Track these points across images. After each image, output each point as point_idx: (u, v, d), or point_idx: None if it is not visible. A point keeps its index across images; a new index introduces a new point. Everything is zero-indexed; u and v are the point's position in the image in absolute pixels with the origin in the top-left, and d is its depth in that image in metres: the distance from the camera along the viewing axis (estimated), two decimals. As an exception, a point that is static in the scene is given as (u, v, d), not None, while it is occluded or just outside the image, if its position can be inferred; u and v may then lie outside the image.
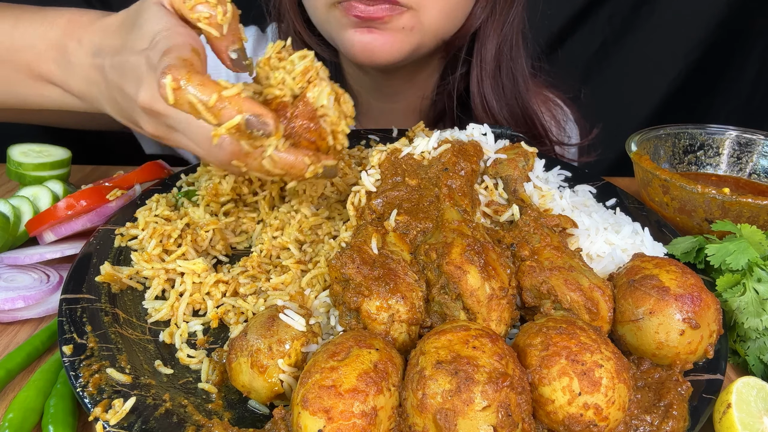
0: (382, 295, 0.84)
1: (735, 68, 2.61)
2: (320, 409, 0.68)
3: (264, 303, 0.99)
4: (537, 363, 0.75)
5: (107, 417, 0.77)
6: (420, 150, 1.15)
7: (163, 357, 0.92)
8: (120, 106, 1.04)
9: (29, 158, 1.40)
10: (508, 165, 1.15)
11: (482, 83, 1.57)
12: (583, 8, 2.58)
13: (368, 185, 1.08)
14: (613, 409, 0.73)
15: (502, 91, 1.60)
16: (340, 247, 1.04)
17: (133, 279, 1.05)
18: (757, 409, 0.81)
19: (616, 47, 2.63)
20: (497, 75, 1.58)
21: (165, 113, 0.94)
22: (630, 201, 1.31)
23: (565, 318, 0.81)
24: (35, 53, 1.16)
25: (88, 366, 0.85)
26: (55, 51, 1.13)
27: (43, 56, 1.15)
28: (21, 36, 1.17)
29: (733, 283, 1.02)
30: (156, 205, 1.19)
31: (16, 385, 0.93)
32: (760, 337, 0.98)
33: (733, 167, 1.49)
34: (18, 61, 1.18)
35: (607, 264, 1.02)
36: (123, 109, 1.04)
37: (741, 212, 1.19)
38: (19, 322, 1.06)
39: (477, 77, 1.57)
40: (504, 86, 1.60)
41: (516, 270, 0.94)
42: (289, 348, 0.81)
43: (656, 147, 1.49)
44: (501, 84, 1.59)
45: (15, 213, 1.20)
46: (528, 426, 0.71)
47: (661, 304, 0.85)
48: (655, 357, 0.87)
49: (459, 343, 0.73)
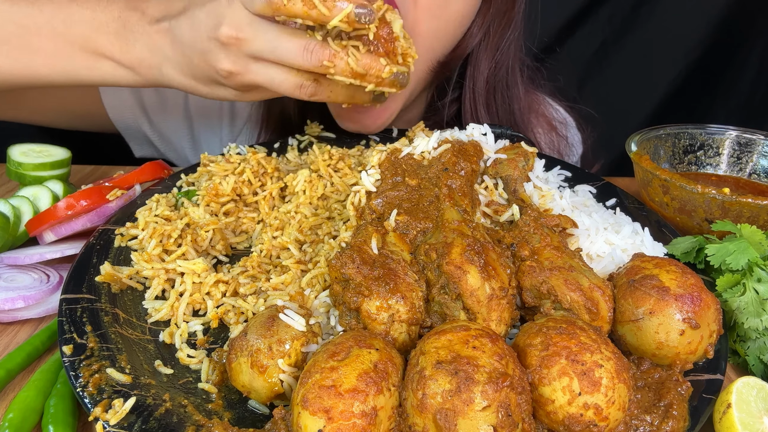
0: (382, 295, 0.84)
1: (735, 68, 2.62)
2: (320, 409, 0.68)
3: (264, 303, 0.99)
4: (537, 363, 0.75)
5: (107, 417, 0.77)
6: (420, 150, 1.15)
7: (163, 357, 0.92)
8: (189, 60, 1.11)
9: (29, 158, 1.40)
10: (508, 165, 1.15)
11: (475, 109, 1.57)
12: (583, 8, 2.59)
13: (368, 185, 1.08)
14: (613, 409, 0.73)
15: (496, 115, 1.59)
16: (340, 247, 1.04)
17: (133, 279, 1.05)
18: (757, 409, 0.81)
19: (616, 47, 2.63)
20: (491, 100, 1.57)
21: (252, 37, 1.04)
22: (630, 201, 1.31)
23: (565, 318, 0.81)
24: (94, 26, 1.18)
25: (88, 366, 0.85)
26: (116, 23, 1.17)
27: (102, 29, 1.18)
28: (79, 8, 1.20)
29: (733, 283, 1.02)
30: (156, 205, 1.19)
31: (16, 385, 0.93)
32: (760, 337, 0.98)
33: (733, 167, 1.49)
34: (74, 34, 1.19)
35: (607, 264, 1.02)
36: (192, 61, 1.10)
37: (741, 212, 1.19)
38: (19, 322, 1.06)
39: (469, 101, 1.57)
40: (498, 112, 1.59)
41: (516, 270, 0.94)
42: (289, 348, 0.81)
43: (656, 147, 1.49)
44: (495, 109, 1.58)
45: (15, 213, 1.20)
46: (528, 426, 0.71)
47: (661, 304, 0.85)
48: (655, 357, 0.87)
49: (459, 343, 0.73)
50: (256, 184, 1.23)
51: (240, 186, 1.21)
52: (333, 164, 1.27)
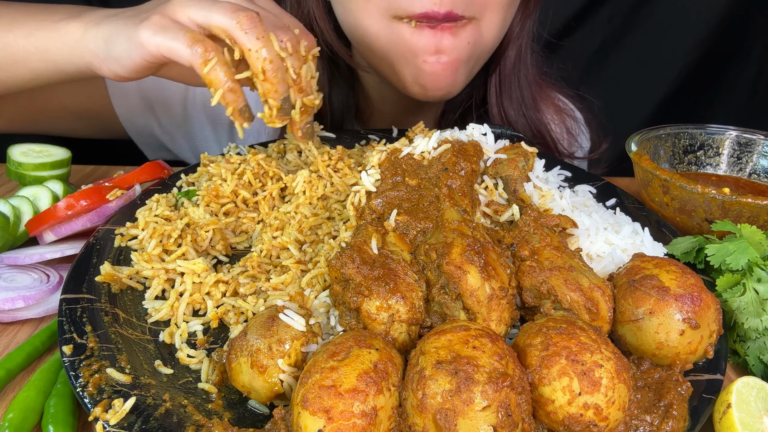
0: (382, 295, 0.84)
1: (735, 68, 2.62)
2: (320, 409, 0.68)
3: (264, 303, 0.99)
4: (537, 363, 0.75)
5: (107, 417, 0.77)
6: (420, 150, 1.15)
7: (163, 357, 0.92)
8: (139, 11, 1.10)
9: (29, 158, 1.40)
10: (508, 165, 1.15)
11: (500, 95, 1.58)
12: (583, 8, 2.59)
13: (368, 185, 1.08)
14: (613, 409, 0.73)
15: (520, 100, 1.61)
16: (340, 247, 1.04)
17: (133, 279, 1.05)
18: (757, 409, 0.81)
19: (616, 47, 2.63)
20: (514, 85, 1.59)
21: None
22: (630, 201, 1.31)
23: (565, 318, 0.81)
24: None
25: (88, 366, 0.85)
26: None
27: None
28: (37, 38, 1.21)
29: (733, 283, 1.02)
30: (156, 205, 1.19)
31: (16, 385, 0.93)
32: (760, 337, 0.98)
33: (733, 167, 1.49)
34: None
35: (607, 264, 1.02)
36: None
37: (741, 212, 1.19)
38: (19, 322, 1.06)
39: (495, 87, 1.58)
40: (521, 96, 1.61)
41: (516, 270, 0.94)
42: (289, 348, 0.81)
43: (656, 147, 1.49)
44: (518, 94, 1.60)
45: (15, 213, 1.20)
46: (528, 426, 0.71)
47: (661, 304, 0.85)
48: (655, 357, 0.87)
49: (459, 343, 0.73)
50: (256, 185, 1.23)
51: (239, 189, 1.21)
52: (333, 164, 1.27)
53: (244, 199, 1.21)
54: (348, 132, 1.61)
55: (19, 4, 1.30)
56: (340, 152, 1.30)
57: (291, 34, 1.03)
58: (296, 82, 1.05)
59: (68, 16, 1.19)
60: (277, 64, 1.00)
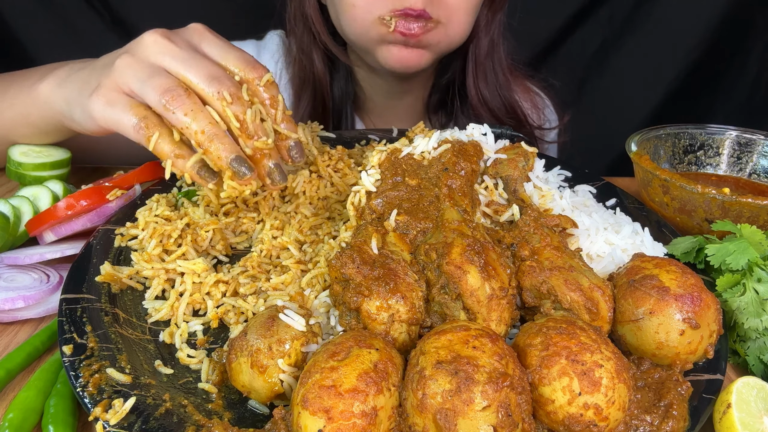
0: (382, 295, 0.84)
1: (735, 68, 2.61)
2: (320, 409, 0.68)
3: (264, 303, 0.99)
4: (537, 363, 0.75)
5: (107, 417, 0.77)
6: (420, 150, 1.15)
7: (163, 357, 0.92)
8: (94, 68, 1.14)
9: (29, 158, 1.40)
10: (508, 165, 1.15)
11: (477, 78, 1.78)
12: (583, 8, 2.59)
13: (368, 185, 1.08)
14: (613, 409, 0.73)
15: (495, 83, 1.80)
16: (340, 247, 1.04)
17: (133, 279, 1.05)
18: (757, 409, 0.81)
19: (616, 47, 2.63)
20: (489, 70, 1.80)
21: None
22: (630, 201, 1.31)
23: (565, 318, 0.81)
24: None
25: (88, 366, 0.85)
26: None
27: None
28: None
29: (733, 283, 1.02)
30: (156, 205, 1.19)
31: (16, 385, 0.93)
32: (760, 337, 0.98)
33: (733, 167, 1.49)
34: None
35: (607, 264, 1.02)
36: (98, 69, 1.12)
37: (741, 212, 1.19)
38: (19, 322, 1.06)
39: (472, 72, 1.78)
40: (496, 79, 1.82)
41: (516, 270, 0.94)
42: (289, 348, 0.81)
43: (656, 147, 1.49)
44: (493, 78, 1.81)
45: (15, 213, 1.20)
46: (528, 426, 0.71)
47: (661, 304, 0.85)
48: (655, 357, 0.87)
49: (459, 343, 0.73)
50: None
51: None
52: (333, 164, 1.27)
53: (244, 199, 1.21)
54: (348, 132, 1.62)
55: (5, 74, 1.42)
56: (340, 152, 1.30)
57: (228, 83, 1.00)
58: (242, 129, 0.99)
59: (39, 78, 1.27)
60: (210, 131, 0.97)
